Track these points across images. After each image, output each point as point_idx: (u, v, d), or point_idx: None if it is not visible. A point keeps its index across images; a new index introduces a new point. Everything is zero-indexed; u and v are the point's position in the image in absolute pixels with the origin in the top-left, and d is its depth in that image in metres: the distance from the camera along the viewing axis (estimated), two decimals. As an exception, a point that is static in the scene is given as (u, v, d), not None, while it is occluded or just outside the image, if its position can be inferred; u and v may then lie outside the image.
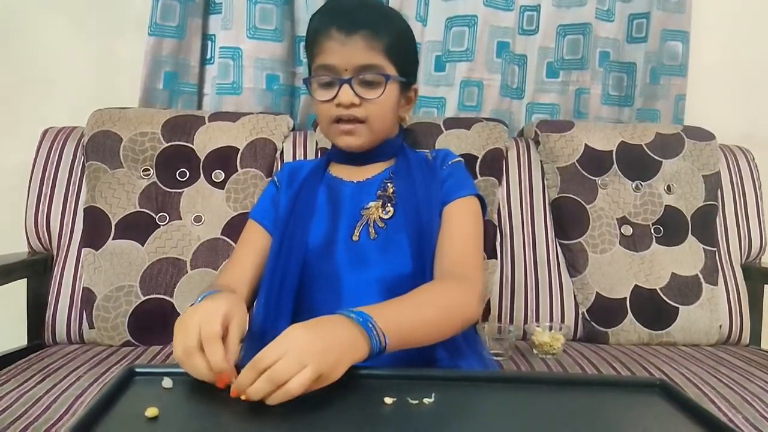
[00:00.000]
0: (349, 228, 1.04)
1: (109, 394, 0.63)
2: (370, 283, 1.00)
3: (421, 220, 1.02)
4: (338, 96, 1.01)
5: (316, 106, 1.08)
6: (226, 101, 1.69)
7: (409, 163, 1.10)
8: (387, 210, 1.05)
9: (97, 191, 1.44)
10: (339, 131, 1.05)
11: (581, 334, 1.52)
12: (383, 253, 1.02)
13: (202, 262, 1.42)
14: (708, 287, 1.52)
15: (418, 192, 1.05)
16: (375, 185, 1.09)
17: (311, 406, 0.65)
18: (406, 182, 1.07)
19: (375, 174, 1.11)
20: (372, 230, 1.03)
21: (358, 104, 1.02)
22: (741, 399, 1.10)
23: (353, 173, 1.11)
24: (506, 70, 1.78)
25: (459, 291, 0.94)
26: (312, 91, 1.06)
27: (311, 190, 1.09)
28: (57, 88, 1.73)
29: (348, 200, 1.08)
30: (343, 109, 1.02)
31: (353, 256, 1.02)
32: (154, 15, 1.62)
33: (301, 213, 1.06)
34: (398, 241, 1.02)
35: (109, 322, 1.36)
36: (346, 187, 1.10)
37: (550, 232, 1.57)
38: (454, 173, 1.11)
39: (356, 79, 1.01)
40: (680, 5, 1.79)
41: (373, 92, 1.02)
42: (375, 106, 1.03)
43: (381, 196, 1.07)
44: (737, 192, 1.64)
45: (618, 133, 1.62)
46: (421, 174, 1.09)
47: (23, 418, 0.96)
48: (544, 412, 0.67)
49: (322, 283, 1.01)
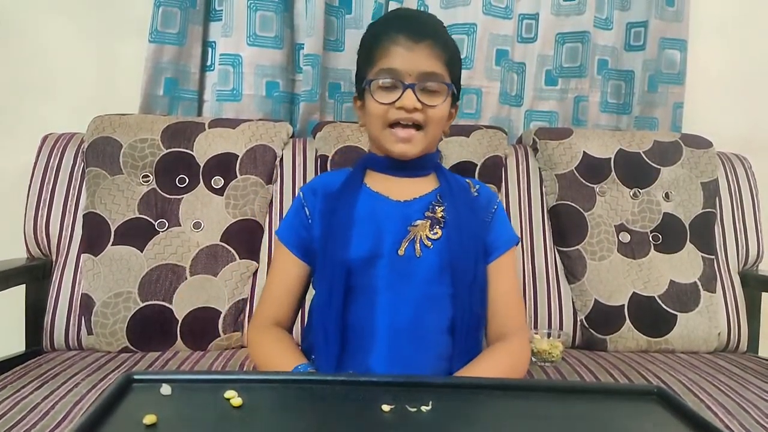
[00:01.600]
0: (394, 243, 1.03)
1: (108, 401, 0.63)
2: (408, 300, 1.01)
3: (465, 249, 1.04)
4: (401, 99, 1.01)
5: (368, 108, 1.06)
6: (226, 108, 1.69)
7: (452, 188, 1.10)
8: (435, 231, 1.04)
9: (96, 197, 1.44)
10: (396, 138, 1.04)
11: (580, 342, 1.52)
12: (427, 272, 1.02)
13: (201, 268, 1.42)
14: (706, 294, 1.52)
15: (466, 222, 1.06)
16: (422, 205, 1.08)
17: (309, 414, 0.65)
18: (453, 208, 1.07)
19: (421, 194, 1.09)
20: (418, 247, 1.03)
21: (420, 109, 1.02)
22: (738, 406, 1.10)
23: (396, 190, 1.09)
24: (505, 77, 1.79)
25: (521, 348, 1.05)
26: (371, 93, 1.04)
27: (349, 204, 1.07)
28: (57, 92, 1.73)
29: (393, 216, 1.06)
30: (404, 113, 1.01)
31: (396, 271, 1.02)
32: (154, 22, 1.63)
33: (340, 228, 1.04)
34: (442, 263, 1.02)
35: (108, 329, 1.36)
36: (390, 205, 1.08)
37: (548, 239, 1.58)
38: (501, 218, 1.14)
39: (419, 85, 1.01)
40: (678, 14, 1.80)
41: (434, 99, 1.03)
42: (434, 112, 1.03)
43: (429, 217, 1.06)
44: (735, 199, 1.65)
45: (616, 141, 1.62)
46: (469, 206, 1.10)
47: (20, 425, 0.96)
48: (542, 420, 0.67)
49: (359, 296, 1.01)
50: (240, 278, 1.43)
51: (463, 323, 1.01)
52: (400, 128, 1.03)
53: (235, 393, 0.66)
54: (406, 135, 1.03)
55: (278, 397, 0.70)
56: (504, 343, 1.04)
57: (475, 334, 1.04)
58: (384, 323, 0.99)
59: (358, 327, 1.00)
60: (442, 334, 1.02)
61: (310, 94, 1.70)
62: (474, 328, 1.04)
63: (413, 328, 1.00)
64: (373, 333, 0.99)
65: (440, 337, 1.02)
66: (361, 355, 0.99)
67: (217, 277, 1.42)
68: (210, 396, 0.67)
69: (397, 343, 0.99)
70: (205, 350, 1.40)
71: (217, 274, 1.42)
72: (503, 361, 1.00)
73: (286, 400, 0.70)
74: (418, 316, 1.01)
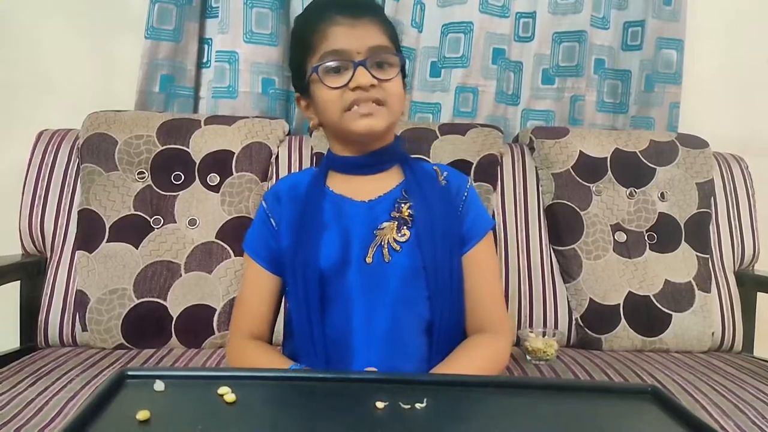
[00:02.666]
0: (362, 249, 0.99)
1: (101, 397, 0.63)
2: (383, 306, 0.98)
3: (437, 248, 0.99)
4: (354, 78, 0.95)
5: (320, 98, 1.00)
6: (222, 105, 1.69)
7: (418, 180, 1.05)
8: (402, 233, 1.00)
9: (91, 194, 1.43)
10: (357, 115, 0.97)
11: (574, 341, 1.52)
12: (398, 277, 0.98)
13: (196, 265, 1.42)
14: (701, 294, 1.52)
15: (436, 218, 1.01)
16: (387, 204, 1.03)
17: (302, 410, 0.65)
18: (421, 204, 1.02)
19: (385, 192, 1.05)
20: (386, 252, 0.99)
21: (376, 85, 0.96)
22: (733, 406, 1.10)
23: (359, 190, 1.04)
24: (502, 76, 1.79)
25: (501, 344, 1.02)
26: (320, 80, 0.97)
27: (315, 209, 1.02)
28: (52, 89, 1.72)
29: (359, 220, 1.02)
30: (360, 92, 0.95)
31: (366, 279, 0.98)
32: (150, 18, 1.62)
33: (308, 235, 1.00)
34: (414, 265, 0.99)
35: (103, 325, 1.36)
36: (355, 207, 1.03)
37: (544, 238, 1.58)
38: (473, 204, 1.08)
39: (370, 60, 0.96)
40: (675, 14, 1.80)
41: (388, 73, 0.98)
42: (392, 86, 0.99)
43: (396, 218, 1.01)
44: (731, 199, 1.65)
45: (612, 140, 1.63)
46: (437, 198, 1.04)
47: (14, 421, 0.95)
48: (536, 418, 0.67)
49: (333, 305, 0.98)
50: (235, 276, 1.43)
51: (441, 324, 0.99)
52: (361, 104, 0.97)
53: (228, 389, 0.66)
54: (368, 110, 0.97)
55: (272, 394, 0.70)
56: (482, 336, 1.01)
57: (454, 333, 1.02)
58: (360, 331, 0.97)
59: (334, 337, 0.97)
60: (420, 336, 1.00)
61: (307, 92, 1.70)
62: (452, 327, 1.01)
63: (390, 334, 0.97)
64: (351, 342, 0.97)
65: (418, 340, 1.00)
66: (342, 364, 0.97)
67: (212, 274, 1.42)
68: (203, 392, 0.67)
69: (375, 350, 0.97)
70: (199, 347, 1.39)
71: (211, 272, 1.42)
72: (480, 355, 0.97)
73: (279, 397, 0.69)
74: (395, 321, 0.98)
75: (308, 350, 0.97)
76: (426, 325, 1.00)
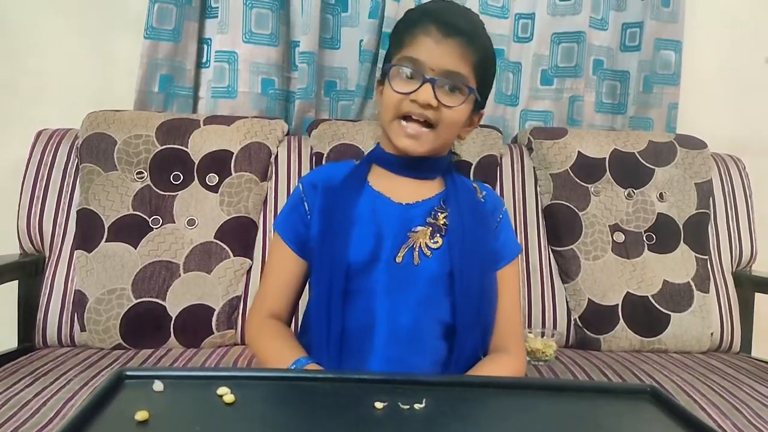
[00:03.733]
0: (393, 248, 1.00)
1: (100, 397, 0.63)
2: (406, 305, 0.99)
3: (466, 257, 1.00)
4: (417, 92, 0.96)
5: (383, 95, 1.01)
6: (221, 105, 1.68)
7: (458, 193, 1.06)
8: (435, 240, 1.01)
9: (90, 193, 1.43)
10: (404, 132, 0.99)
11: (573, 341, 1.53)
12: (425, 281, 0.99)
13: (194, 265, 1.42)
14: (700, 295, 1.53)
15: (470, 229, 1.02)
16: (424, 210, 1.04)
17: (301, 411, 0.65)
18: (457, 215, 1.03)
19: (424, 198, 1.05)
20: (416, 255, 0.99)
21: (434, 107, 0.96)
22: (731, 406, 1.10)
23: (399, 191, 1.05)
24: (501, 77, 1.80)
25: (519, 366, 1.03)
26: (388, 79, 0.99)
27: (349, 201, 1.03)
28: (52, 88, 1.72)
29: (393, 220, 1.02)
30: (416, 106, 0.96)
31: (393, 278, 0.99)
32: (150, 18, 1.62)
33: (339, 228, 1.00)
34: (442, 272, 1.00)
35: (101, 325, 1.35)
36: (391, 207, 1.04)
37: (542, 238, 1.58)
38: (506, 227, 1.11)
39: (440, 81, 0.97)
40: (673, 15, 1.81)
41: (452, 99, 0.98)
42: (450, 113, 0.98)
43: (431, 224, 1.02)
44: (729, 200, 1.65)
45: (611, 141, 1.63)
46: (474, 211, 1.06)
47: (12, 422, 0.95)
48: (535, 418, 0.67)
49: (356, 299, 0.99)
50: (234, 276, 1.43)
51: (464, 332, 0.99)
52: (411, 122, 0.98)
53: (227, 390, 0.66)
54: (415, 132, 0.98)
55: (271, 394, 0.70)
56: (506, 355, 1.02)
57: (475, 342, 1.02)
58: (382, 327, 0.98)
59: (355, 330, 0.98)
60: (439, 340, 1.01)
61: (306, 92, 1.70)
62: (475, 336, 1.01)
63: (411, 333, 0.98)
64: (371, 336, 0.97)
65: (437, 343, 1.01)
66: (358, 357, 0.97)
67: (211, 274, 1.42)
68: (202, 392, 0.67)
69: (394, 346, 0.98)
70: (198, 347, 1.39)
71: (210, 272, 1.42)
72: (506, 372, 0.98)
73: (278, 397, 0.69)
74: (417, 321, 0.99)
75: (322, 343, 0.97)
76: (446, 330, 1.00)
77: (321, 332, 0.98)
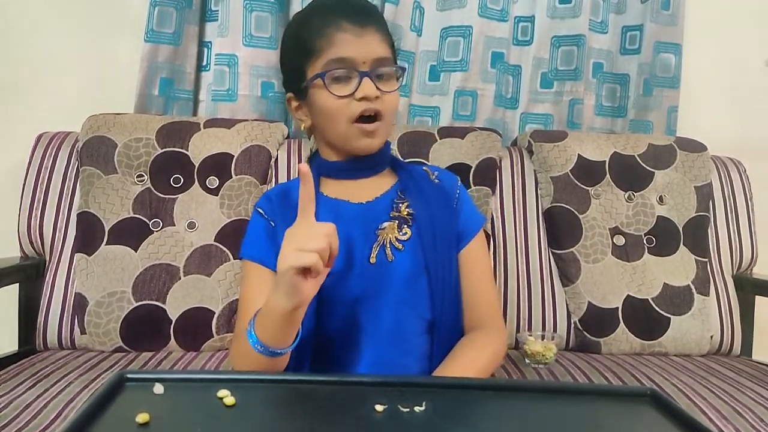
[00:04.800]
0: (363, 249, 0.99)
1: (100, 400, 0.63)
2: (387, 307, 0.98)
3: (438, 244, 1.00)
4: (361, 89, 0.95)
5: (325, 105, 0.99)
6: (222, 108, 1.69)
7: (414, 179, 1.06)
8: (404, 231, 1.01)
9: (90, 196, 1.43)
10: (363, 132, 0.98)
11: (573, 344, 1.52)
12: (401, 277, 0.99)
13: (194, 268, 1.42)
14: (700, 297, 1.53)
15: (435, 215, 1.02)
16: (385, 204, 1.04)
17: (302, 414, 0.65)
18: (419, 202, 1.03)
19: (381, 193, 1.06)
20: (389, 252, 0.99)
21: (378, 97, 0.97)
22: (731, 409, 1.10)
23: (355, 193, 1.05)
24: (500, 80, 1.80)
25: (498, 342, 1.03)
26: (324, 87, 0.97)
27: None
28: (52, 92, 1.72)
29: (358, 221, 1.02)
30: (366, 103, 0.96)
31: (371, 279, 0.98)
32: (150, 21, 1.62)
33: None
34: (416, 264, 0.99)
35: (101, 328, 1.36)
36: (353, 209, 1.03)
37: (543, 241, 1.58)
38: (465, 202, 1.11)
39: (374, 72, 0.97)
40: (673, 18, 1.81)
41: (389, 85, 0.99)
42: (391, 98, 0.99)
43: (396, 217, 1.02)
44: (729, 203, 1.65)
45: (611, 144, 1.63)
46: (433, 195, 1.05)
47: (13, 424, 0.95)
48: (535, 421, 0.67)
49: (338, 309, 0.98)
50: (234, 278, 1.43)
51: (442, 322, 0.99)
52: (366, 122, 0.98)
53: (227, 392, 0.66)
54: (373, 128, 0.98)
55: (271, 397, 0.70)
56: (483, 332, 1.02)
57: (454, 329, 1.02)
58: (365, 332, 0.97)
59: (339, 339, 0.97)
60: (422, 336, 1.01)
61: (306, 95, 1.70)
62: (452, 324, 1.02)
63: (394, 334, 0.98)
64: (356, 343, 0.97)
65: (420, 339, 1.01)
66: (345, 366, 0.97)
67: (211, 277, 1.42)
68: (203, 395, 0.67)
69: (379, 349, 0.97)
70: (198, 350, 1.39)
71: (210, 275, 1.42)
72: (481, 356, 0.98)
73: (278, 400, 0.70)
74: (398, 321, 0.98)
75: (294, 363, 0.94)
76: (427, 325, 1.01)
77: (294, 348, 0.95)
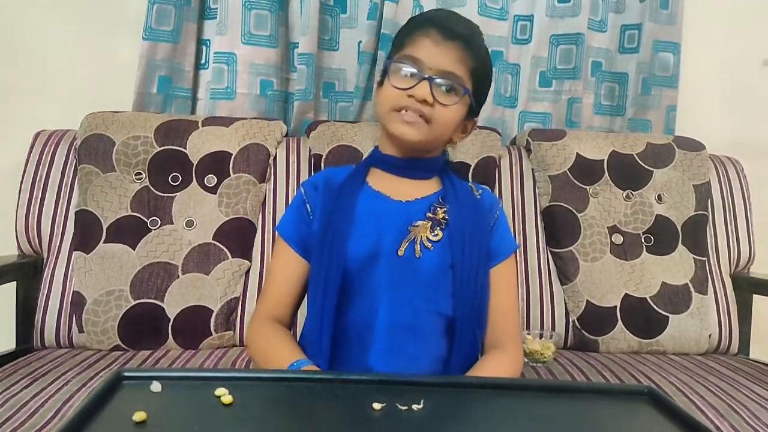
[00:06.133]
0: (394, 242, 1.03)
1: (97, 398, 0.63)
2: (408, 300, 1.01)
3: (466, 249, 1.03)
4: (415, 88, 1.00)
5: (381, 91, 1.06)
6: (220, 106, 1.68)
7: (456, 191, 1.10)
8: (436, 233, 1.04)
9: (88, 194, 1.43)
10: (400, 119, 1.02)
11: (571, 342, 1.53)
12: (426, 273, 1.02)
13: (193, 266, 1.42)
14: (698, 296, 1.53)
15: (468, 223, 1.05)
16: (423, 206, 1.07)
17: (299, 412, 0.65)
18: (456, 211, 1.06)
19: (423, 195, 1.09)
20: (418, 248, 1.02)
21: (430, 103, 1.00)
22: (728, 407, 1.10)
23: (398, 190, 1.09)
24: (499, 78, 1.80)
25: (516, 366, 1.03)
26: (388, 76, 1.04)
27: (349, 201, 1.06)
28: (50, 90, 1.72)
29: (394, 216, 1.05)
30: (413, 102, 1.00)
31: (395, 271, 1.01)
32: (149, 19, 1.62)
33: (339, 225, 1.03)
34: (443, 264, 1.02)
35: (99, 326, 1.35)
36: (391, 205, 1.07)
37: (541, 240, 1.58)
38: (502, 224, 1.14)
39: (437, 80, 1.01)
40: (672, 17, 1.81)
41: (448, 99, 1.02)
42: (445, 111, 1.02)
43: (431, 218, 1.05)
44: (727, 202, 1.65)
45: (610, 143, 1.63)
46: (471, 210, 1.09)
47: (10, 422, 0.95)
48: (533, 419, 0.67)
49: (359, 296, 1.01)
50: (232, 277, 1.43)
51: (462, 325, 1.01)
52: (407, 113, 1.02)
53: (225, 391, 0.66)
54: (411, 119, 1.01)
55: (269, 395, 0.70)
56: (503, 353, 1.03)
57: (474, 337, 1.04)
58: (384, 321, 0.99)
59: (357, 325, 1.00)
60: (440, 337, 1.02)
61: (304, 93, 1.70)
62: (473, 331, 1.03)
63: (413, 327, 1.00)
64: (373, 330, 0.99)
65: (438, 340, 1.02)
66: (360, 352, 0.99)
67: (209, 275, 1.42)
68: (200, 393, 0.67)
69: (396, 340, 0.99)
70: (196, 349, 1.39)
71: (209, 273, 1.42)
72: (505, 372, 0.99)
73: (276, 398, 0.69)
74: (418, 316, 1.01)
75: (314, 341, 0.99)
76: (447, 326, 1.02)
77: (315, 326, 1.00)
